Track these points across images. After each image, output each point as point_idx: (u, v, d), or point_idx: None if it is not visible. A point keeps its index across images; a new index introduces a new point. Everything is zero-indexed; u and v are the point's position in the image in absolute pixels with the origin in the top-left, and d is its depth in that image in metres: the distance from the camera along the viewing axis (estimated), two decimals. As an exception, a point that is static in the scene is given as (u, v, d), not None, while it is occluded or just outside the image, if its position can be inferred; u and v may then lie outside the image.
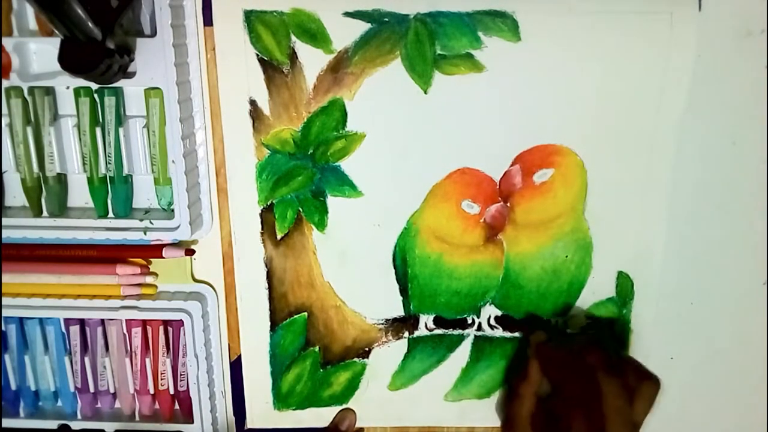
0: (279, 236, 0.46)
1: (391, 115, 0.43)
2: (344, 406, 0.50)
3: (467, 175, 0.45)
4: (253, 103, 0.43)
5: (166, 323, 0.47)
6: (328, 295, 0.47)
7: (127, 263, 0.45)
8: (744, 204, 0.45)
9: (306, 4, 0.41)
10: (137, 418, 0.49)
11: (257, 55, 0.42)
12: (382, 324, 0.48)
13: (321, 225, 0.46)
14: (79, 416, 0.48)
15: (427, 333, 0.48)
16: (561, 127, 0.44)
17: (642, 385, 0.42)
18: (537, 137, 0.44)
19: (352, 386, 0.49)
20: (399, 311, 0.48)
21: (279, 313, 0.47)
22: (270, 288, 0.47)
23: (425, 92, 0.43)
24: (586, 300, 0.47)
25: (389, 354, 0.49)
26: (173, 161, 0.41)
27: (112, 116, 0.42)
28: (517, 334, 0.48)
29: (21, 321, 0.47)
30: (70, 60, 0.35)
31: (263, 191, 0.45)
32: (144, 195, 0.45)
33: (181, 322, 0.46)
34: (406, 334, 0.48)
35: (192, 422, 0.47)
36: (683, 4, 0.41)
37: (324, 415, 0.50)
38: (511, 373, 0.48)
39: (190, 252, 0.45)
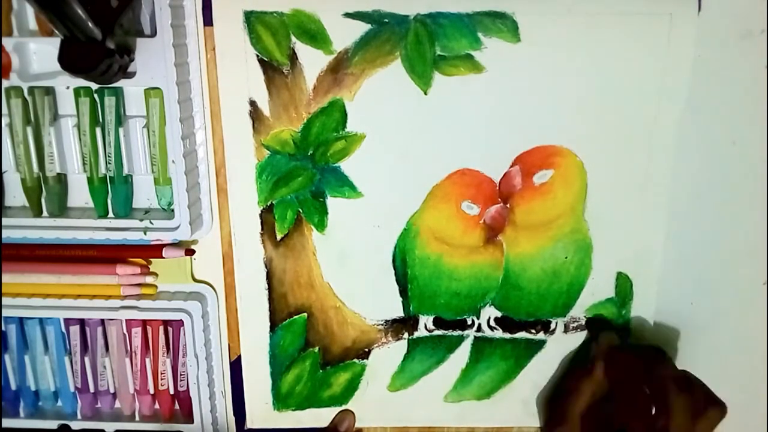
0: (279, 237, 0.46)
1: (391, 116, 0.43)
2: (344, 407, 0.50)
3: (467, 176, 0.45)
4: (253, 103, 0.43)
5: (166, 323, 0.47)
6: (328, 295, 0.47)
7: (127, 263, 0.45)
8: (744, 204, 0.45)
9: (306, 5, 0.41)
10: (137, 418, 0.49)
11: (257, 55, 0.42)
12: (382, 325, 0.48)
13: (321, 226, 0.46)
14: (79, 416, 0.48)
15: (426, 334, 0.48)
16: (561, 128, 0.44)
17: (710, 408, 0.41)
18: (537, 138, 0.44)
19: (351, 387, 0.49)
20: (399, 312, 0.48)
21: (279, 313, 0.47)
22: (270, 288, 0.47)
23: (425, 93, 0.43)
24: (585, 301, 0.47)
25: (389, 355, 0.48)
26: (173, 161, 0.41)
27: (112, 116, 0.42)
28: (525, 335, 0.48)
29: (21, 321, 0.47)
30: (70, 60, 0.35)
31: (263, 192, 0.45)
32: (144, 195, 0.45)
33: (181, 322, 0.46)
34: (406, 335, 0.48)
35: (192, 422, 0.47)
36: (683, 5, 0.41)
37: (323, 416, 0.50)
38: (571, 369, 0.48)
39: (190, 252, 0.45)
